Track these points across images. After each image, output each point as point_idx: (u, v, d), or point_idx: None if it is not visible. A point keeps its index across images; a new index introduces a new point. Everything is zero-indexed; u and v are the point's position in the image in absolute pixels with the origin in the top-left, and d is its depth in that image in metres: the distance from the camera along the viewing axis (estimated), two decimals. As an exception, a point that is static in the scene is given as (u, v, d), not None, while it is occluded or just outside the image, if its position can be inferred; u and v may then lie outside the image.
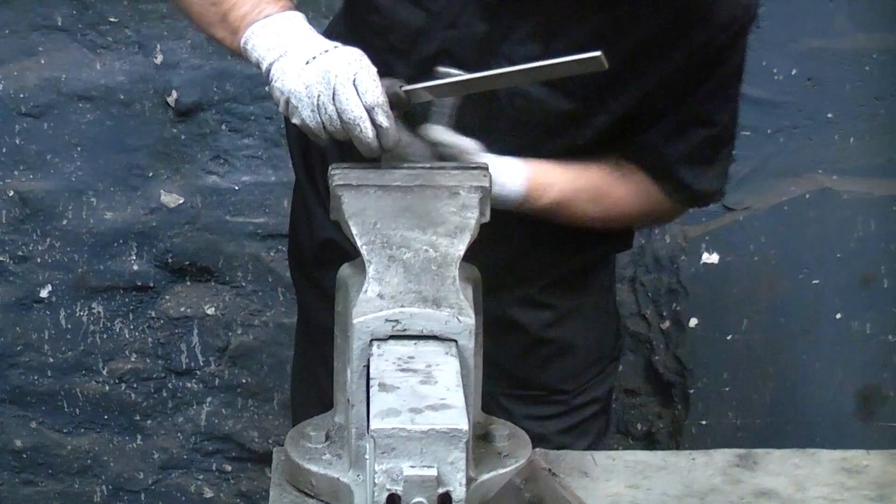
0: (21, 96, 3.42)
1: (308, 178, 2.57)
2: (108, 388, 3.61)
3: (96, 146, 3.45)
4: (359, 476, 1.85)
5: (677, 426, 3.68)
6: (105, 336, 3.58)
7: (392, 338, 1.78)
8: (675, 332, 3.61)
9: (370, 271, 1.86)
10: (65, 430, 3.64)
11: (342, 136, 2.07)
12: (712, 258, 3.56)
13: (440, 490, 1.62)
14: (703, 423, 3.66)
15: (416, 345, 1.77)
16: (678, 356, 3.62)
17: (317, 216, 2.52)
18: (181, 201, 3.49)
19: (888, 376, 3.67)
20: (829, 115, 3.51)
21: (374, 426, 1.63)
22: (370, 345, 1.78)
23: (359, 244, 1.91)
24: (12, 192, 3.47)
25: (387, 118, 2.04)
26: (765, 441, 3.56)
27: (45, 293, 3.54)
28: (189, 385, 3.63)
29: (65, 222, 3.49)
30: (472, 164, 2.12)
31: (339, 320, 1.99)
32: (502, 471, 1.90)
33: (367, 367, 1.78)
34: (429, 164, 2.12)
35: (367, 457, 1.69)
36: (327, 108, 2.05)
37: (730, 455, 2.13)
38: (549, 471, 1.91)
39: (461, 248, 1.91)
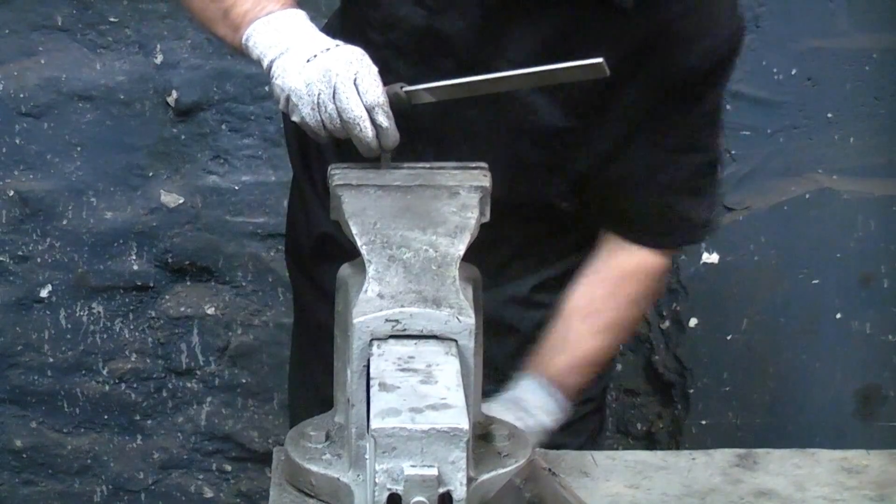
0: (21, 96, 3.42)
1: (305, 173, 2.56)
2: (108, 388, 3.61)
3: (96, 146, 3.45)
4: (359, 476, 1.85)
5: (677, 426, 3.68)
6: (105, 336, 3.58)
7: (392, 337, 1.78)
8: (674, 331, 3.61)
9: (370, 271, 1.86)
10: (65, 430, 3.64)
11: (342, 134, 2.07)
12: (712, 258, 3.56)
13: (441, 489, 1.62)
14: (703, 423, 3.66)
15: (416, 344, 1.77)
16: (678, 356, 3.62)
17: (313, 211, 2.52)
18: (181, 201, 3.49)
19: (888, 376, 3.67)
20: (829, 115, 3.51)
21: (374, 425, 1.63)
22: (370, 344, 1.78)
23: (359, 244, 1.91)
24: (12, 192, 3.47)
25: (387, 118, 2.04)
26: (765, 441, 3.56)
27: (45, 293, 3.54)
28: (189, 385, 3.63)
29: (65, 222, 3.49)
30: (472, 165, 2.12)
31: (339, 320, 1.98)
32: (502, 471, 1.90)
33: (367, 366, 1.78)
34: (429, 165, 2.12)
35: (368, 456, 1.69)
36: (327, 106, 2.05)
37: (730, 455, 2.13)
38: (549, 471, 1.91)
39: (461, 247, 1.91)
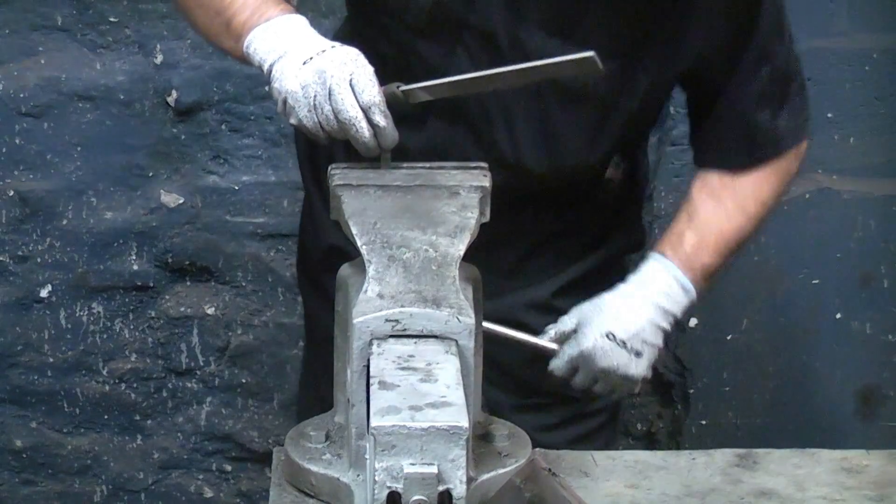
0: (21, 96, 3.42)
1: (315, 182, 2.57)
2: (108, 388, 3.61)
3: (96, 146, 3.45)
4: (359, 476, 1.85)
5: (677, 426, 3.68)
6: (105, 336, 3.58)
7: (392, 336, 1.78)
8: (674, 331, 3.60)
9: (370, 271, 1.86)
10: (65, 430, 3.64)
11: (340, 135, 2.06)
12: (712, 258, 3.55)
13: (440, 488, 1.62)
14: (703, 423, 3.66)
15: (416, 343, 1.77)
16: (678, 356, 3.62)
17: (323, 221, 2.52)
18: (181, 201, 3.49)
19: (888, 376, 3.67)
20: (829, 115, 3.51)
21: (374, 423, 1.63)
22: (370, 344, 1.78)
23: (359, 244, 1.91)
24: (12, 192, 3.47)
25: (384, 118, 2.04)
26: (765, 441, 3.56)
27: (45, 293, 3.54)
28: (189, 385, 3.63)
29: (65, 222, 3.49)
30: (472, 165, 2.12)
31: (339, 320, 1.99)
32: (502, 471, 1.91)
33: (367, 366, 1.78)
34: (429, 165, 2.12)
35: (368, 455, 1.69)
36: (323, 108, 2.05)
37: (730, 455, 2.13)
38: (549, 471, 1.91)
39: (461, 247, 1.91)
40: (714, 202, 2.41)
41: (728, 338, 3.62)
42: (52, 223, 3.49)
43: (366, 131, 2.05)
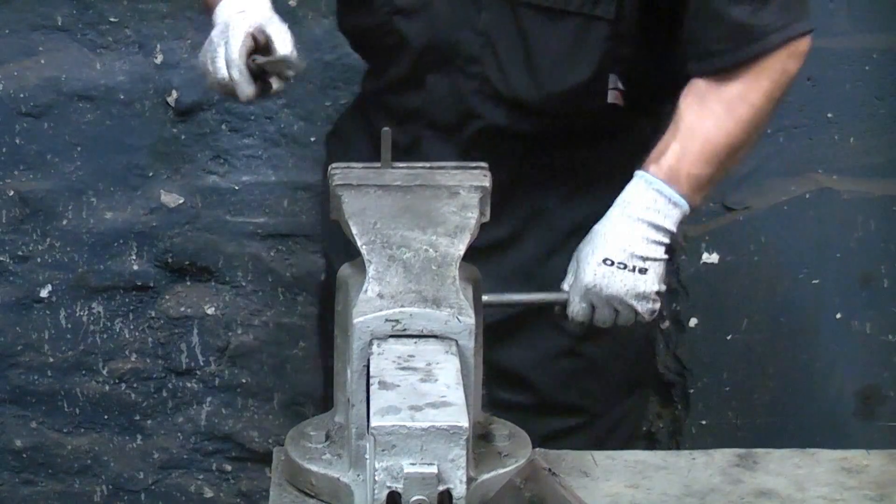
0: (21, 96, 3.42)
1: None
2: (108, 388, 3.61)
3: (96, 146, 3.45)
4: (359, 476, 1.85)
5: (677, 426, 3.68)
6: (105, 336, 3.58)
7: (392, 336, 1.78)
8: (675, 331, 3.61)
9: (370, 271, 1.86)
10: (65, 430, 3.64)
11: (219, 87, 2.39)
12: (712, 258, 3.56)
13: (440, 488, 1.62)
14: (703, 423, 3.66)
15: (416, 343, 1.77)
16: (678, 356, 3.62)
17: None
18: (181, 201, 3.49)
19: (888, 376, 3.67)
20: (829, 115, 3.51)
21: (374, 423, 1.63)
22: (370, 344, 1.79)
23: (359, 244, 1.91)
24: (12, 192, 3.47)
25: (238, 73, 2.32)
26: (765, 441, 3.56)
27: (45, 293, 3.54)
28: (189, 385, 3.63)
29: (65, 222, 3.49)
30: (472, 165, 2.13)
31: (339, 320, 1.99)
32: (502, 471, 1.90)
33: (367, 366, 1.78)
34: (429, 164, 2.12)
35: (368, 455, 1.69)
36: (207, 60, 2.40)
37: (730, 455, 2.13)
38: (549, 471, 1.91)
39: (461, 247, 1.91)
40: (699, 108, 2.33)
41: (728, 338, 3.61)
42: (52, 223, 3.49)
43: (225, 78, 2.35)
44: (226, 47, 2.34)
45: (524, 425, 2.05)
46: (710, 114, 2.32)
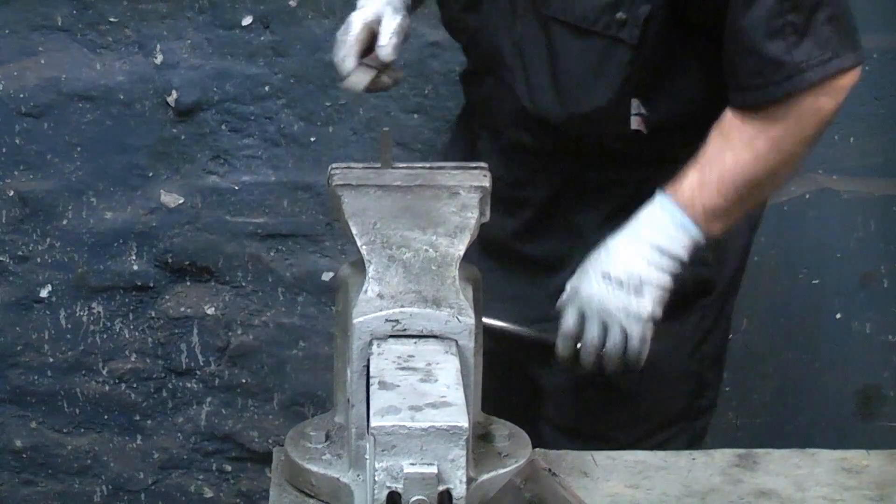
0: (21, 96, 3.42)
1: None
2: (108, 388, 3.61)
3: (96, 146, 3.45)
4: (359, 476, 1.85)
5: (677, 426, 3.68)
6: (105, 336, 3.58)
7: (392, 336, 1.78)
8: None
9: (370, 271, 1.86)
10: (65, 430, 3.64)
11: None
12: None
13: (440, 488, 1.62)
14: (703, 423, 3.65)
15: (416, 343, 1.78)
16: (678, 356, 3.62)
17: None
18: (181, 201, 3.49)
19: (888, 376, 3.67)
20: (829, 115, 3.50)
21: (374, 423, 1.63)
22: (370, 344, 1.79)
23: (359, 244, 1.91)
24: (12, 192, 3.47)
25: (348, 66, 2.44)
26: (765, 441, 3.56)
27: (45, 293, 3.54)
28: (189, 385, 3.63)
29: (65, 222, 3.49)
30: (472, 165, 2.13)
31: (339, 320, 1.99)
32: (502, 471, 1.91)
33: (367, 366, 1.78)
34: (429, 165, 2.13)
35: (368, 455, 1.69)
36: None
37: (730, 455, 2.13)
38: (549, 471, 1.91)
39: (461, 248, 1.91)
40: (721, 139, 2.31)
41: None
42: (52, 223, 3.49)
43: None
44: (343, 41, 2.45)
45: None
46: (729, 146, 2.31)
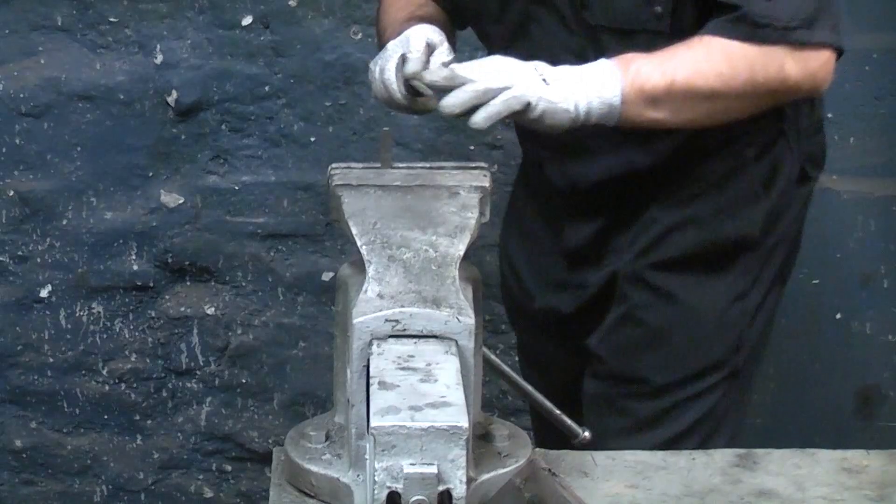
0: (21, 96, 3.42)
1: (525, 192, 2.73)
2: (108, 388, 3.61)
3: (96, 146, 3.45)
4: (359, 476, 1.85)
5: (677, 426, 3.68)
6: (105, 336, 3.58)
7: (392, 336, 1.78)
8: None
9: (370, 271, 1.86)
10: (65, 430, 3.64)
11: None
12: (712, 258, 3.55)
13: (440, 488, 1.62)
14: (703, 423, 3.65)
15: (415, 343, 1.78)
16: (678, 356, 3.62)
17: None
18: (181, 201, 3.49)
19: (888, 376, 3.67)
20: (829, 115, 3.50)
21: (374, 423, 1.63)
22: (370, 344, 1.79)
23: (359, 244, 1.91)
24: (12, 192, 3.47)
25: (389, 87, 2.36)
26: (765, 441, 3.56)
27: (45, 293, 3.54)
28: (189, 385, 3.63)
29: (65, 222, 3.49)
30: (472, 165, 2.13)
31: (339, 320, 1.99)
32: (502, 471, 1.91)
33: (367, 366, 1.78)
34: (429, 164, 2.13)
35: (368, 455, 1.69)
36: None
37: (730, 455, 2.13)
38: (549, 471, 1.91)
39: (461, 247, 1.91)
40: (686, 43, 2.35)
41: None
42: (52, 223, 3.49)
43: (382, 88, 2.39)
44: (385, 63, 2.40)
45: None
46: (691, 50, 2.33)
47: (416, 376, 1.71)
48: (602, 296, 2.59)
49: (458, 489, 1.63)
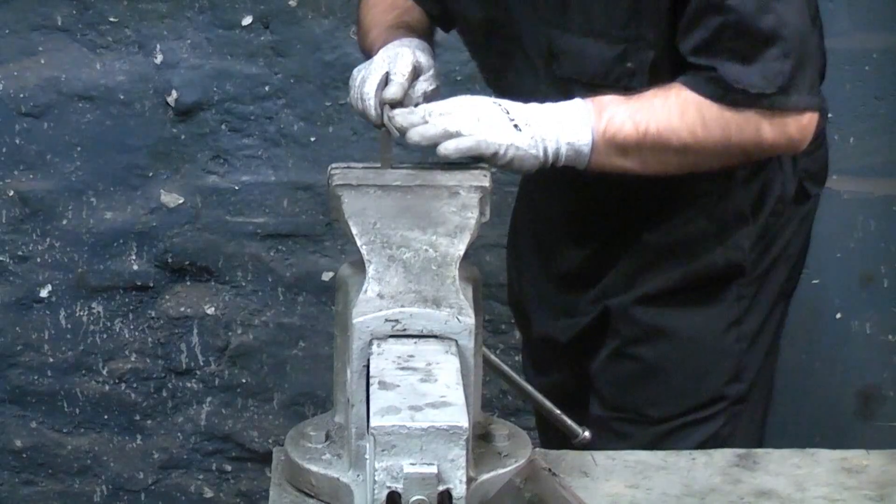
0: (21, 96, 3.42)
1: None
2: (108, 388, 3.61)
3: (96, 146, 3.45)
4: (359, 476, 1.85)
5: (677, 426, 3.68)
6: (105, 336, 3.58)
7: (392, 336, 1.78)
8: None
9: (370, 271, 1.86)
10: (65, 430, 3.64)
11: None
12: (712, 258, 3.55)
13: (440, 487, 1.62)
14: (703, 423, 3.65)
15: (416, 343, 1.78)
16: (678, 356, 3.62)
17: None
18: (181, 201, 3.49)
19: (888, 376, 3.67)
20: (829, 115, 3.50)
21: (374, 423, 1.63)
22: (370, 344, 1.79)
23: (359, 244, 1.91)
24: (12, 192, 3.47)
25: (366, 107, 2.33)
26: (765, 441, 3.56)
27: (45, 293, 3.54)
28: (189, 385, 3.63)
29: (65, 222, 3.49)
30: (472, 164, 2.13)
31: (339, 320, 1.99)
32: (502, 471, 1.90)
33: (367, 366, 1.78)
34: (429, 165, 2.13)
35: (368, 455, 1.69)
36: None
37: (730, 455, 2.13)
38: (549, 471, 1.91)
39: (461, 247, 1.91)
40: (663, 93, 2.31)
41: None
42: (52, 223, 3.49)
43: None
44: (367, 75, 2.37)
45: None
46: (666, 102, 2.30)
47: (416, 376, 1.71)
48: (596, 327, 2.56)
49: (458, 489, 1.63)
